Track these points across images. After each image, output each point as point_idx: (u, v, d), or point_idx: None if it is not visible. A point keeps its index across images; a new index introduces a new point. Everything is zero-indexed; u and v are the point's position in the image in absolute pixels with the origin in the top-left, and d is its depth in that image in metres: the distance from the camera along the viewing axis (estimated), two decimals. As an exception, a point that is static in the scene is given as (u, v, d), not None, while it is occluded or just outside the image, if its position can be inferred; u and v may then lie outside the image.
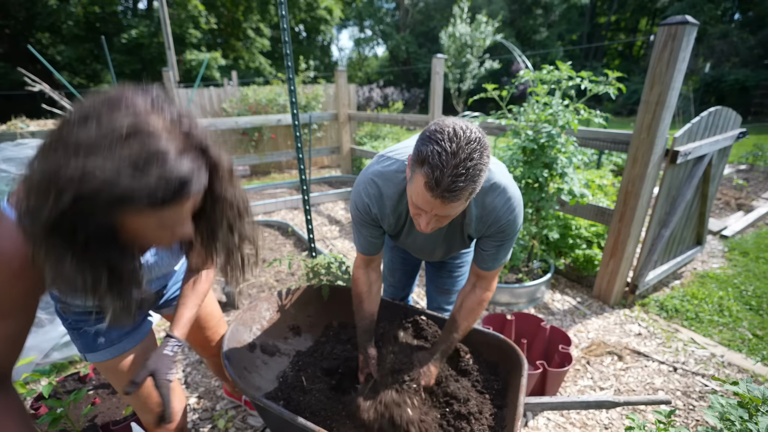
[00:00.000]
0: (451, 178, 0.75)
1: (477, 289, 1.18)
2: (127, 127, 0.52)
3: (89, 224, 0.55)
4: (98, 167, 0.50)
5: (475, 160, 0.76)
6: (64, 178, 0.50)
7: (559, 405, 1.17)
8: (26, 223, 0.55)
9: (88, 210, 0.53)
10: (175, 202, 0.57)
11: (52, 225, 0.53)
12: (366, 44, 28.11)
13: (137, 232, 0.61)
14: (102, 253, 0.59)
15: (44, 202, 0.52)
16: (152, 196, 0.54)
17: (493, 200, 1.00)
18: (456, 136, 0.76)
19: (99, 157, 0.50)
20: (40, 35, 12.93)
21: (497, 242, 1.07)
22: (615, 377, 1.89)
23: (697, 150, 2.24)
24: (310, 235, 2.05)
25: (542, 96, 2.27)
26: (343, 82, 5.22)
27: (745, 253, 3.23)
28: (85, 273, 0.58)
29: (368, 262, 1.23)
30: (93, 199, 0.52)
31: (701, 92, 14.50)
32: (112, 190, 0.51)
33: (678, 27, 1.86)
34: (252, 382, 1.25)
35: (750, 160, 6.23)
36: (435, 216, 0.86)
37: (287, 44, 1.58)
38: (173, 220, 0.60)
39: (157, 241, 0.65)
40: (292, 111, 1.71)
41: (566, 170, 2.27)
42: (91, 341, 0.92)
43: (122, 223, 0.58)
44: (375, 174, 1.05)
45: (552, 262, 2.66)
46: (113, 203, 0.53)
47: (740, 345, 2.10)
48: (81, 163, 0.50)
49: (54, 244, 0.55)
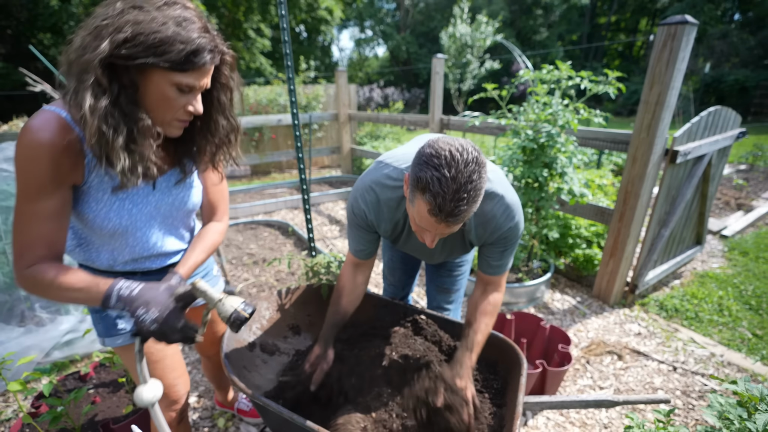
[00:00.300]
0: (453, 203, 0.76)
1: (488, 293, 1.17)
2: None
3: (125, 74, 0.69)
4: (151, 17, 0.66)
5: (475, 181, 0.77)
6: (126, 22, 0.65)
7: (558, 404, 1.17)
8: (78, 57, 0.67)
9: (132, 54, 0.66)
10: (191, 65, 0.70)
11: (103, 62, 0.65)
12: (366, 44, 28.14)
13: (159, 93, 0.72)
14: (128, 106, 0.70)
15: (101, 41, 0.65)
16: (185, 50, 0.68)
17: (492, 208, 1.01)
18: (453, 160, 0.76)
19: (151, 11, 0.67)
20: (41, 36, 12.93)
21: (501, 248, 1.08)
22: (615, 376, 1.89)
23: (697, 150, 2.24)
24: (309, 235, 2.05)
25: (542, 96, 2.28)
26: (343, 82, 5.23)
27: (745, 252, 3.23)
28: (110, 119, 0.69)
29: (357, 265, 1.23)
30: (140, 42, 0.66)
31: (701, 92, 14.50)
32: (156, 35, 0.66)
33: (678, 27, 1.86)
34: (252, 381, 1.25)
35: (750, 160, 6.23)
36: (438, 233, 0.88)
37: (287, 44, 1.58)
38: (188, 87, 0.73)
39: (173, 107, 0.75)
40: (292, 110, 1.71)
41: (566, 170, 2.27)
42: (112, 326, 0.95)
43: (148, 84, 0.71)
44: (373, 182, 1.06)
45: (552, 261, 2.66)
46: (155, 46, 0.66)
47: (740, 344, 2.10)
48: (136, 13, 0.66)
49: (96, 83, 0.66)
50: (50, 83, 3.48)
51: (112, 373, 1.57)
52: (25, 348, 1.62)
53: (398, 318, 1.39)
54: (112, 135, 0.69)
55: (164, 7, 0.69)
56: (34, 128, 0.69)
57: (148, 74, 0.70)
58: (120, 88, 0.69)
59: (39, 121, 0.70)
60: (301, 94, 6.50)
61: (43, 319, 1.77)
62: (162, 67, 0.69)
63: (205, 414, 1.70)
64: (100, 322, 0.96)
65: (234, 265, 3.12)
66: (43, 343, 1.71)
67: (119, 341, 0.96)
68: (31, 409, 1.33)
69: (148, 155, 0.76)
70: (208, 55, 0.72)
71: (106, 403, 1.44)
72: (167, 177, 0.90)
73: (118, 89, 0.69)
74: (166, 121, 0.77)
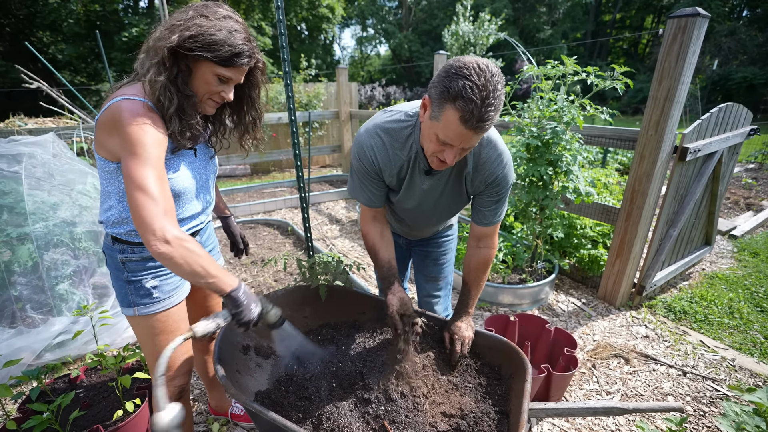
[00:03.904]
0: (484, 109, 0.83)
1: (481, 248, 1.24)
2: (225, 13, 0.93)
3: (183, 61, 0.90)
4: (211, 24, 0.89)
5: (500, 90, 0.84)
6: (193, 24, 0.88)
7: (565, 411, 1.12)
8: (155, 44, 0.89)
9: (192, 47, 0.88)
10: (232, 64, 0.92)
11: (170, 49, 0.87)
12: (368, 43, 28.06)
13: (205, 79, 0.93)
14: (182, 85, 0.91)
15: (172, 34, 0.87)
16: (230, 51, 0.90)
17: (488, 152, 1.08)
18: (481, 70, 0.83)
19: (212, 20, 0.90)
20: (41, 33, 12.94)
21: (493, 197, 1.15)
22: (622, 381, 1.83)
23: (707, 147, 2.17)
24: (307, 234, 2.00)
25: (547, 92, 2.21)
26: (344, 80, 5.17)
27: (756, 253, 3.15)
28: (168, 92, 0.89)
29: (374, 214, 1.27)
30: (199, 40, 0.87)
31: (708, 90, 14.34)
32: (212, 37, 0.88)
33: (688, 19, 1.79)
34: (245, 386, 1.20)
35: (759, 158, 6.13)
36: (461, 149, 0.94)
37: (283, 36, 1.54)
38: (227, 79, 0.94)
39: (214, 91, 0.96)
40: (289, 106, 1.66)
41: (571, 168, 2.20)
42: (147, 294, 1.04)
43: (198, 71, 0.92)
44: (379, 126, 1.10)
45: (556, 262, 2.60)
46: (210, 45, 0.88)
47: (752, 348, 2.03)
48: (202, 20, 0.89)
49: (161, 62, 0.88)
50: (49, 82, 3.46)
51: (102, 376, 1.53)
52: (15, 350, 1.58)
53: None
54: (167, 104, 0.90)
55: (222, 19, 0.91)
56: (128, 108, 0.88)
57: (200, 64, 0.91)
58: (178, 71, 0.90)
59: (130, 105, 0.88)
60: (301, 92, 6.45)
61: (35, 320, 1.73)
62: (212, 61, 0.90)
63: (199, 419, 1.65)
64: (134, 293, 1.04)
65: (231, 265, 3.08)
66: (35, 345, 1.67)
67: (152, 309, 1.05)
68: (18, 414, 1.29)
69: (193, 124, 0.96)
70: (246, 58, 0.94)
71: (96, 407, 1.40)
72: (202, 147, 1.11)
73: (177, 71, 0.90)
74: (203, 100, 0.98)
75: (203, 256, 0.86)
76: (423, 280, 1.59)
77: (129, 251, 1.02)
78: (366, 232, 1.28)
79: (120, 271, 1.03)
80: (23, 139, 1.91)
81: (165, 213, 0.83)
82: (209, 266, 0.87)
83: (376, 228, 1.26)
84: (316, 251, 2.90)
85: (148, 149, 0.85)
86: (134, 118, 0.85)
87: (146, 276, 1.03)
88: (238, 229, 1.47)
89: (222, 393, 1.61)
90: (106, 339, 1.88)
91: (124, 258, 1.02)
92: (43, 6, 12.22)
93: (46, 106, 3.16)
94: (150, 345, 1.09)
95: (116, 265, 1.04)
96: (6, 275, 1.73)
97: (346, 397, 1.15)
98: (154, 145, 0.86)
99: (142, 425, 1.36)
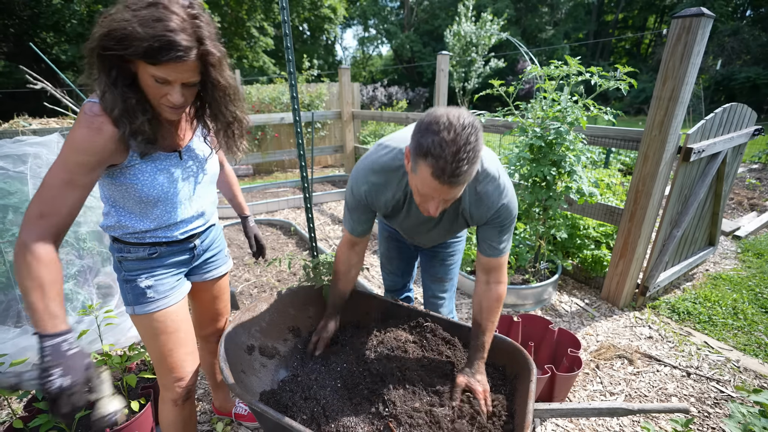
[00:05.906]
0: (454, 164, 0.81)
1: (491, 284, 1.19)
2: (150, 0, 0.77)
3: (118, 63, 0.80)
4: (122, 17, 0.76)
5: (472, 143, 0.82)
6: (112, 20, 0.77)
7: (569, 412, 1.12)
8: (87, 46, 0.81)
9: (107, 45, 0.77)
10: (157, 60, 0.77)
11: (91, 50, 0.79)
12: (370, 43, 28.07)
13: (144, 81, 0.83)
14: (122, 87, 0.82)
15: (93, 33, 0.79)
16: (147, 46, 0.75)
17: (485, 187, 1.07)
18: (451, 124, 0.81)
19: (127, 12, 0.76)
20: (44, 34, 13.00)
21: (497, 227, 1.13)
22: (626, 382, 1.83)
23: (711, 147, 2.16)
24: (311, 234, 2.00)
25: (550, 92, 2.21)
26: (346, 80, 5.17)
27: (760, 254, 3.14)
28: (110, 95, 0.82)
29: (353, 243, 1.28)
30: (112, 36, 0.76)
31: (711, 90, 14.27)
32: (122, 31, 0.75)
33: (693, 19, 1.79)
34: (250, 386, 1.20)
35: (763, 159, 6.10)
36: (442, 200, 0.93)
37: (288, 37, 1.54)
38: (162, 79, 0.81)
39: (159, 94, 0.85)
40: (293, 106, 1.67)
41: (575, 168, 2.20)
42: (141, 294, 1.03)
43: (138, 72, 0.82)
44: (374, 163, 1.11)
45: (559, 262, 2.59)
46: (121, 40, 0.75)
47: (756, 349, 2.02)
48: (122, 14, 0.76)
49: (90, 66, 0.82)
50: (53, 82, 3.47)
51: (108, 375, 1.54)
52: (21, 349, 1.59)
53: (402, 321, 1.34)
54: (110, 107, 0.82)
55: (142, 9, 0.76)
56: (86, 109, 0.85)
57: (136, 65, 0.81)
58: (118, 73, 0.81)
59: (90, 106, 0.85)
60: (304, 93, 6.46)
61: (41, 319, 1.74)
62: (142, 59, 0.78)
63: (203, 418, 1.66)
64: (130, 292, 1.04)
65: (235, 265, 3.09)
66: (40, 344, 1.67)
67: (148, 308, 1.04)
68: (24, 413, 1.29)
69: (140, 127, 0.86)
70: (177, 52, 0.77)
71: (102, 406, 1.40)
72: (187, 149, 1.04)
73: (116, 74, 0.81)
74: (155, 104, 0.88)
75: (39, 279, 0.76)
76: (429, 281, 1.60)
77: (125, 251, 1.03)
78: (338, 256, 1.31)
79: (119, 270, 1.05)
80: (28, 139, 1.91)
81: (41, 216, 0.80)
82: (34, 292, 0.75)
83: (348, 258, 1.30)
84: (320, 251, 2.90)
85: (71, 154, 0.82)
86: (84, 120, 0.83)
87: (140, 275, 1.04)
88: (253, 231, 1.46)
89: (226, 393, 1.61)
90: (111, 338, 1.89)
91: (121, 257, 1.03)
92: (46, 7, 12.28)
93: (50, 106, 3.18)
94: (152, 345, 1.08)
95: (116, 265, 1.06)
96: (11, 274, 1.74)
97: (350, 397, 1.15)
98: (79, 151, 0.82)
99: (147, 425, 1.37)
